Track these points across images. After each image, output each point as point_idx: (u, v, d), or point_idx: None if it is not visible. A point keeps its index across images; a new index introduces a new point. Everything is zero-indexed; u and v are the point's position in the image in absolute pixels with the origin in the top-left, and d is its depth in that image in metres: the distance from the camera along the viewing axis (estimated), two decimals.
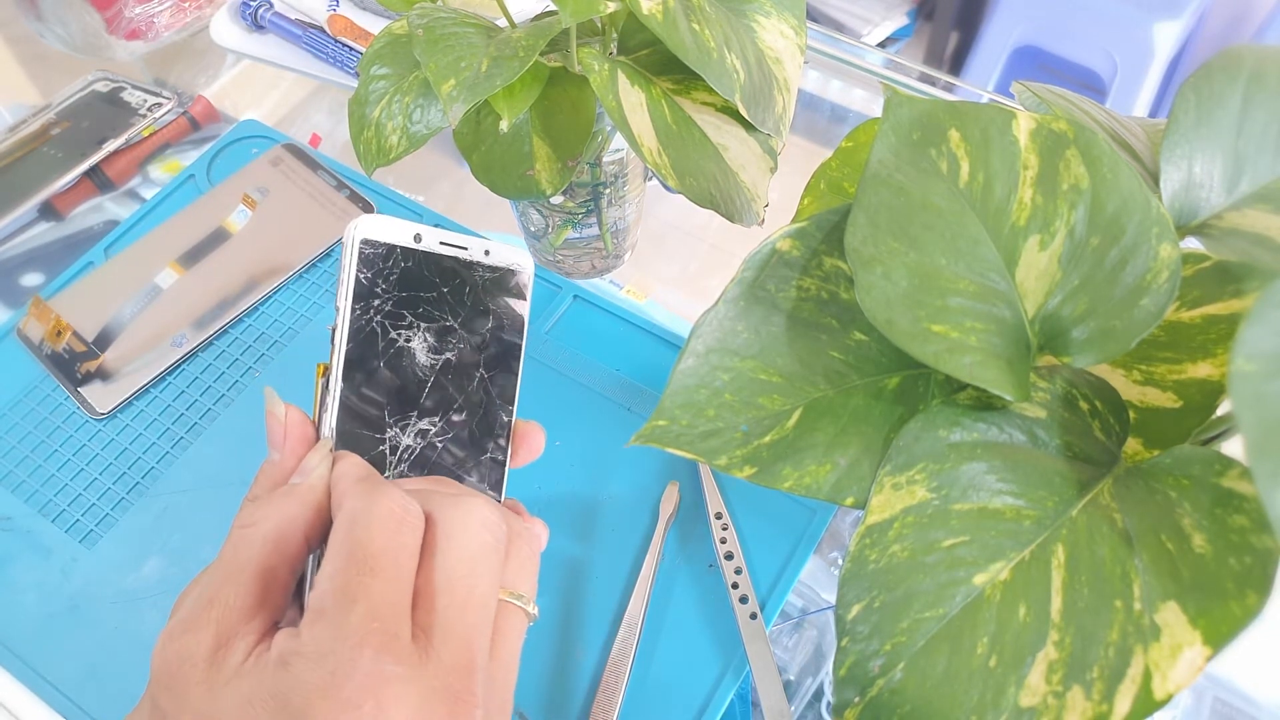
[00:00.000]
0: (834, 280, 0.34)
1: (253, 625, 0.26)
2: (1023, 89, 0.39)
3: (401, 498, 0.28)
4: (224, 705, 0.25)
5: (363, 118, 0.44)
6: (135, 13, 0.75)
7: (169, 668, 0.26)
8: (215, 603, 0.26)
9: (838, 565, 0.49)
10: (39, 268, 0.64)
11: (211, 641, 0.26)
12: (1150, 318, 0.29)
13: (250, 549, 0.27)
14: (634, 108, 0.41)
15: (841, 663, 0.29)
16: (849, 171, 0.41)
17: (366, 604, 0.25)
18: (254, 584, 0.27)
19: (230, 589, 0.26)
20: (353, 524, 0.27)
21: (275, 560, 0.27)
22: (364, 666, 0.24)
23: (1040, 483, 0.30)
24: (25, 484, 0.49)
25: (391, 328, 0.32)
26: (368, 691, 0.24)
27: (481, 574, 0.28)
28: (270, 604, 0.27)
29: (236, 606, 0.26)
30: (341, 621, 0.25)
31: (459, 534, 0.28)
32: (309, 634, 0.25)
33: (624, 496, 0.47)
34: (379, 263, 0.32)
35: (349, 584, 0.25)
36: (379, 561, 0.26)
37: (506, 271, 0.34)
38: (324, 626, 0.25)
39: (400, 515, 0.27)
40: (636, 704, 0.41)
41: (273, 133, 0.63)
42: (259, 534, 0.27)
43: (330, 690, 0.24)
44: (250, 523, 0.28)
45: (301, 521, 0.28)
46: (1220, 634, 0.25)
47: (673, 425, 0.32)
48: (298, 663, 0.25)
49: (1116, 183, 0.30)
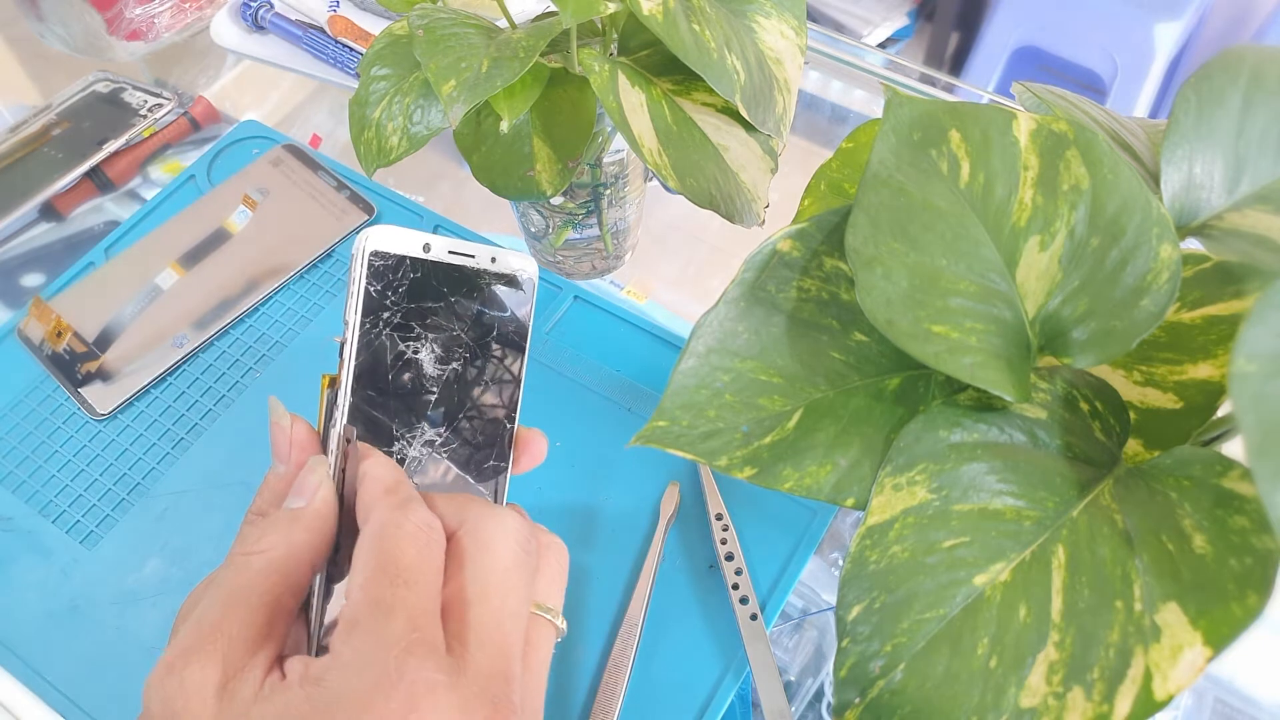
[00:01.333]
0: (834, 281, 0.34)
1: (260, 657, 0.26)
2: (1023, 90, 0.39)
3: (427, 514, 0.28)
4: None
5: (363, 118, 0.44)
6: (136, 13, 0.75)
7: (172, 704, 0.24)
8: (220, 633, 0.25)
9: (838, 566, 0.49)
10: (39, 268, 0.64)
11: (219, 675, 0.25)
12: (1151, 318, 0.29)
13: (256, 577, 0.27)
14: (634, 108, 0.41)
15: (842, 663, 0.29)
16: (849, 172, 0.41)
17: (404, 614, 0.25)
18: (260, 614, 0.26)
19: (235, 619, 0.26)
20: (382, 537, 0.27)
21: (282, 590, 0.27)
22: (408, 675, 0.24)
23: (1041, 483, 0.30)
24: (26, 485, 0.49)
25: (400, 340, 0.32)
26: (413, 700, 0.24)
27: (514, 586, 0.28)
28: (276, 634, 0.26)
29: (243, 637, 0.25)
30: (381, 631, 0.25)
31: (494, 546, 0.28)
32: (346, 645, 0.25)
33: (624, 497, 0.47)
34: (388, 275, 0.32)
35: (383, 595, 0.25)
36: (411, 574, 0.26)
37: (512, 278, 0.34)
38: (362, 636, 0.25)
39: (428, 530, 0.27)
40: (636, 704, 0.41)
41: (273, 133, 0.63)
42: (265, 562, 0.27)
43: (374, 700, 0.24)
44: (256, 550, 0.27)
45: (309, 550, 0.28)
46: (1221, 635, 0.25)
47: (673, 426, 0.32)
48: (335, 676, 0.24)
49: (1117, 183, 0.30)
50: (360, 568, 0.26)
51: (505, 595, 0.27)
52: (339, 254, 0.57)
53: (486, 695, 0.25)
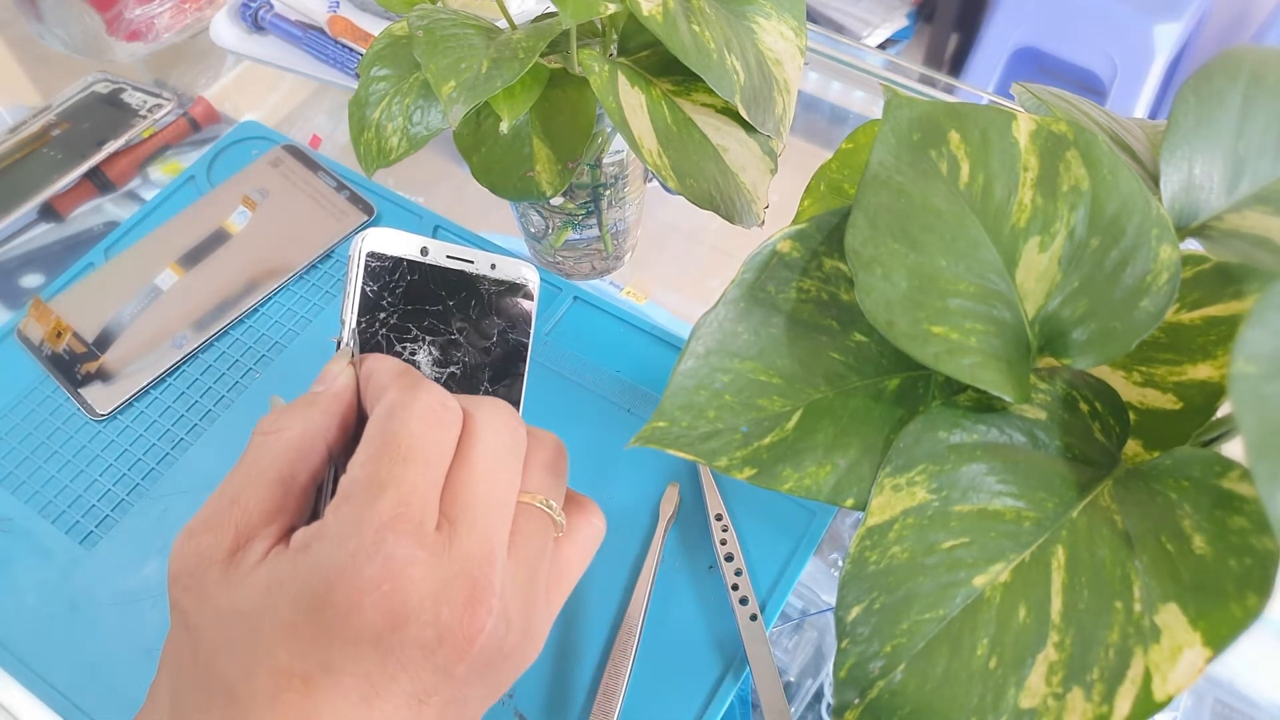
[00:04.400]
0: (834, 282, 0.34)
1: (271, 529, 0.27)
2: (1023, 90, 0.39)
3: (442, 394, 0.28)
4: (243, 596, 0.25)
5: (363, 119, 0.44)
6: (135, 14, 0.75)
7: (187, 566, 0.26)
8: (235, 505, 0.27)
9: (838, 567, 0.49)
10: (39, 269, 0.64)
11: (230, 542, 0.26)
12: (1150, 319, 0.29)
13: (272, 454, 0.27)
14: (634, 109, 0.41)
15: (841, 664, 0.29)
16: (849, 173, 0.41)
17: (396, 491, 0.25)
18: (274, 489, 0.27)
19: (251, 492, 0.27)
20: (390, 414, 0.27)
21: (297, 467, 0.28)
22: (385, 549, 0.24)
23: (1040, 484, 0.30)
24: (25, 485, 0.49)
25: (397, 341, 0.32)
26: (388, 572, 0.24)
27: (502, 472, 0.28)
28: (289, 509, 0.27)
29: (257, 510, 0.27)
30: (368, 506, 0.25)
31: (484, 432, 0.28)
32: (333, 517, 0.25)
33: (624, 498, 0.47)
34: (385, 276, 0.32)
35: (380, 471, 0.26)
36: (413, 452, 0.26)
37: (513, 285, 0.34)
38: (349, 510, 0.25)
39: (439, 410, 0.27)
40: (636, 704, 0.41)
41: (273, 134, 0.63)
42: (281, 440, 0.28)
43: (350, 571, 0.24)
44: (273, 429, 0.28)
45: (324, 429, 0.28)
46: (1220, 635, 0.25)
47: (673, 426, 0.32)
48: (319, 545, 0.25)
49: (1116, 184, 0.30)
50: (365, 444, 0.27)
51: (493, 481, 0.27)
52: (339, 254, 0.57)
53: (467, 576, 0.25)
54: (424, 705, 0.25)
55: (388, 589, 0.24)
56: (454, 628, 0.25)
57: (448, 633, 0.25)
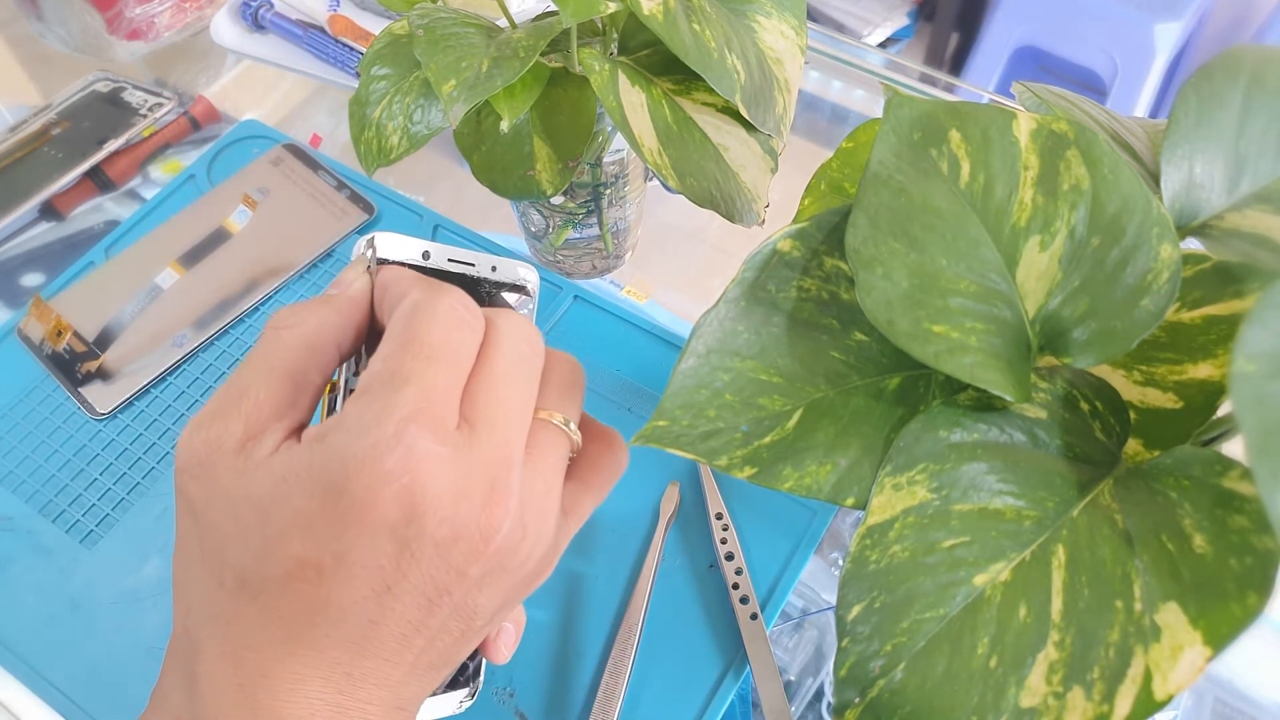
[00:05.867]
0: (835, 281, 0.34)
1: (281, 424, 0.26)
2: (1023, 89, 0.38)
3: (465, 298, 0.28)
4: (256, 484, 0.25)
5: (363, 118, 0.44)
6: (136, 13, 0.75)
7: (196, 456, 0.25)
8: (245, 397, 0.26)
9: (838, 566, 0.49)
10: (39, 268, 0.64)
11: (241, 432, 0.25)
12: (1151, 318, 0.29)
13: (283, 349, 0.27)
14: (634, 108, 0.41)
15: (842, 663, 0.29)
16: (849, 172, 0.41)
17: (419, 386, 0.25)
18: (285, 384, 0.27)
19: (261, 386, 0.26)
20: (416, 312, 0.26)
21: (309, 364, 0.27)
22: (406, 440, 0.24)
23: (1041, 483, 0.30)
24: (25, 484, 0.49)
25: None
26: (407, 466, 0.24)
27: (521, 381, 0.28)
28: (299, 405, 0.27)
29: (268, 404, 0.26)
30: (390, 399, 0.25)
31: (505, 340, 0.28)
32: (353, 408, 0.25)
33: (624, 497, 0.47)
34: None
35: (403, 366, 0.25)
36: (437, 350, 0.26)
37: (513, 287, 0.34)
38: (369, 402, 0.25)
39: (463, 313, 0.27)
40: (636, 704, 0.41)
41: (273, 133, 0.63)
42: (293, 336, 0.27)
43: (369, 462, 0.24)
44: (284, 325, 0.27)
45: (336, 328, 0.28)
46: (1221, 635, 0.25)
47: (673, 426, 0.32)
48: (336, 436, 0.24)
49: (1117, 183, 0.30)
50: (387, 340, 0.26)
51: (512, 388, 0.27)
52: (339, 254, 0.57)
53: (486, 475, 0.25)
54: (434, 606, 0.25)
55: (407, 481, 0.24)
56: (470, 526, 0.25)
57: (464, 530, 0.25)
